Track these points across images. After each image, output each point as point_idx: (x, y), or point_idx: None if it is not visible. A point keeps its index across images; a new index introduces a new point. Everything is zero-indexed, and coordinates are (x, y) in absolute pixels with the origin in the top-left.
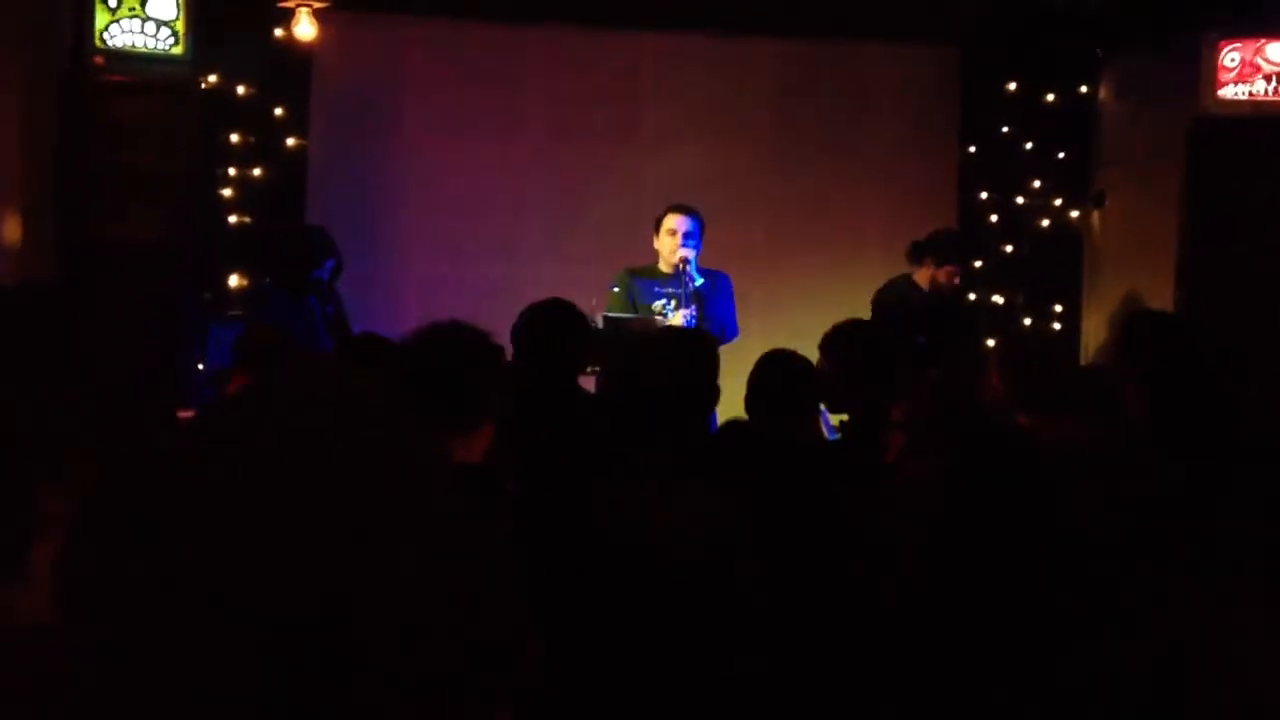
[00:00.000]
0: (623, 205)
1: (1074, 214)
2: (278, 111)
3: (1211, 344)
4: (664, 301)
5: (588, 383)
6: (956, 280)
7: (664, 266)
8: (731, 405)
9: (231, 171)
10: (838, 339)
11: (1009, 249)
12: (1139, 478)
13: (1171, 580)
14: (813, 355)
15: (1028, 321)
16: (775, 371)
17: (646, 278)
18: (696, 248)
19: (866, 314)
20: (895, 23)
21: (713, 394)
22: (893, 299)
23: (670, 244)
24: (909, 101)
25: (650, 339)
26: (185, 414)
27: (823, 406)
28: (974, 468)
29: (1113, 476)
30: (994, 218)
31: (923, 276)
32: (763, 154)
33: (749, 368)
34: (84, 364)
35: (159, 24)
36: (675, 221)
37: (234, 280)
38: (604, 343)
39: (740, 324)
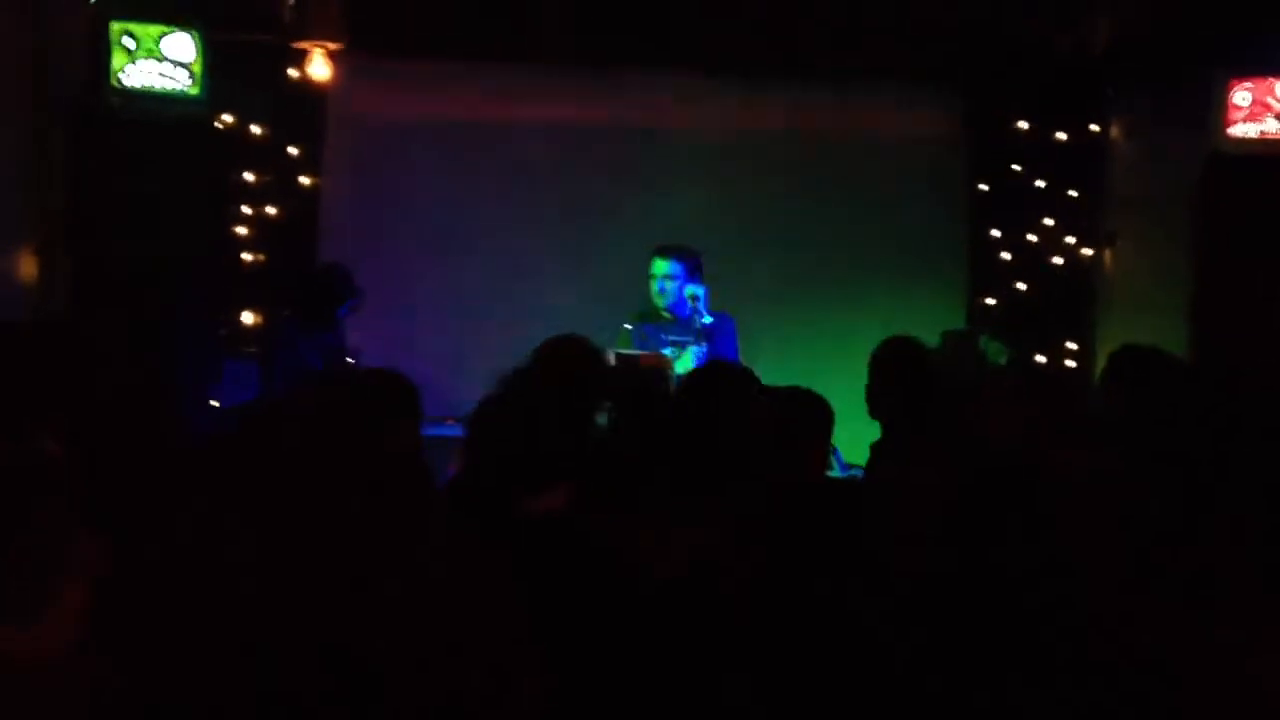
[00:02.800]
0: (633, 245)
1: (1086, 252)
2: (292, 151)
3: (1215, 375)
4: (671, 351)
5: None
6: None
7: (662, 312)
8: None
9: (246, 210)
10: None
11: (1022, 287)
12: (1132, 504)
13: (1165, 604)
14: (824, 389)
15: (1041, 359)
16: (780, 408)
17: (653, 323)
18: (683, 287)
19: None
20: (904, 63)
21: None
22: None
23: (655, 286)
24: (918, 142)
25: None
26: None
27: (834, 445)
28: (977, 500)
29: (1107, 503)
30: (1006, 256)
31: None
32: (772, 195)
33: None
34: (101, 400)
35: (175, 65)
36: (654, 265)
37: (248, 318)
38: (617, 379)
39: (746, 364)
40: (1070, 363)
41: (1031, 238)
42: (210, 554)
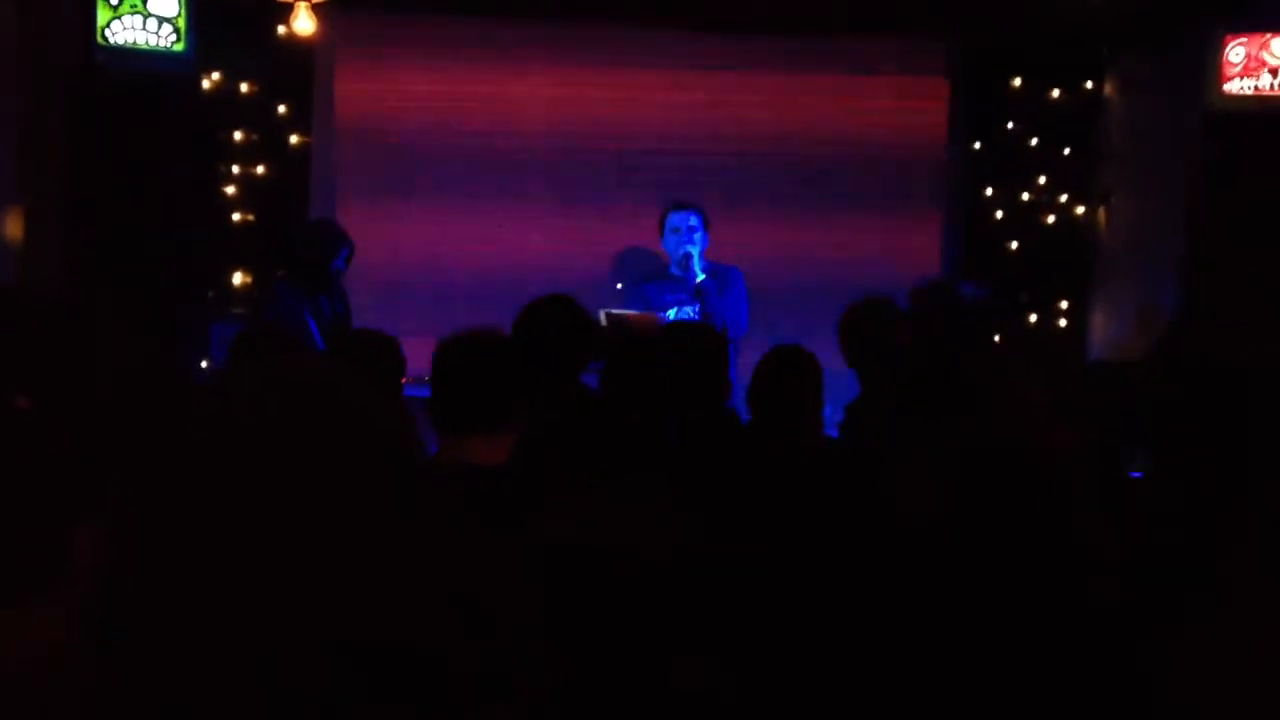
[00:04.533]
0: (628, 202)
1: (1080, 211)
2: (280, 109)
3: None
4: (675, 309)
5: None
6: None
7: (674, 268)
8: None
9: (234, 169)
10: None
11: (1015, 246)
12: (1141, 492)
13: (1173, 601)
14: (816, 351)
15: (1034, 318)
16: (778, 368)
17: (657, 281)
18: (700, 242)
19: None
20: (898, 19)
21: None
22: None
23: (674, 241)
24: (912, 96)
25: (662, 336)
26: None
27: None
28: (980, 481)
29: (1114, 489)
30: (1000, 214)
31: None
32: (764, 150)
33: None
34: (101, 370)
35: (160, 20)
36: (676, 219)
37: (237, 278)
38: (607, 339)
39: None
40: (1063, 321)
41: (1025, 196)
42: (210, 539)
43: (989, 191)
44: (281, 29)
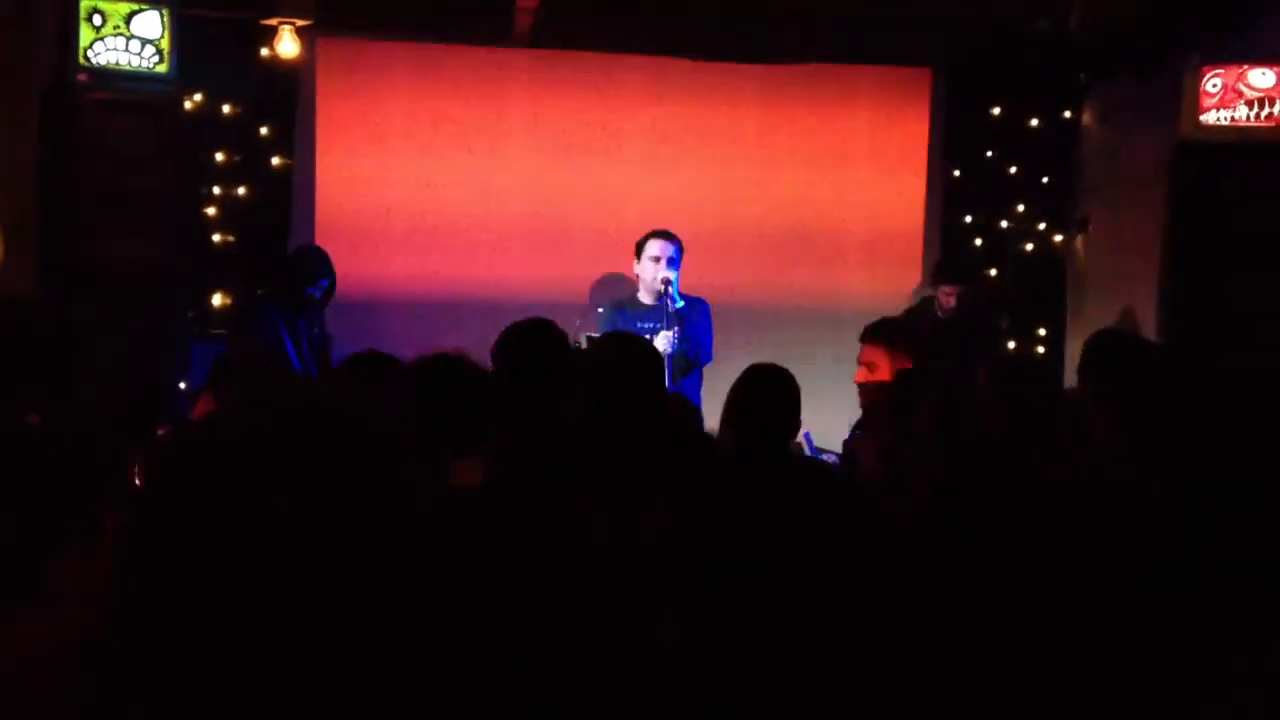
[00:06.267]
0: (606, 228)
1: (1058, 238)
2: (263, 131)
3: (1190, 366)
4: (649, 338)
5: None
6: (952, 300)
7: (644, 296)
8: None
9: (216, 190)
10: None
11: (993, 273)
12: (1114, 508)
13: (1147, 616)
14: (797, 374)
15: (1012, 345)
16: (758, 386)
17: (629, 310)
18: (676, 270)
19: (849, 334)
20: (879, 46)
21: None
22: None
23: (652, 270)
24: (892, 124)
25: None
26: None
27: (808, 429)
28: (956, 497)
29: (1088, 507)
30: (978, 242)
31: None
32: (746, 177)
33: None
34: (82, 384)
35: (144, 42)
36: (657, 247)
37: (217, 299)
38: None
39: (725, 345)
40: (1040, 348)
41: (1004, 223)
42: (202, 546)
43: (968, 219)
44: (265, 51)
